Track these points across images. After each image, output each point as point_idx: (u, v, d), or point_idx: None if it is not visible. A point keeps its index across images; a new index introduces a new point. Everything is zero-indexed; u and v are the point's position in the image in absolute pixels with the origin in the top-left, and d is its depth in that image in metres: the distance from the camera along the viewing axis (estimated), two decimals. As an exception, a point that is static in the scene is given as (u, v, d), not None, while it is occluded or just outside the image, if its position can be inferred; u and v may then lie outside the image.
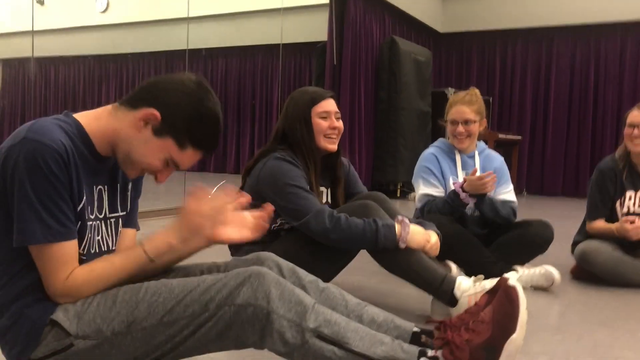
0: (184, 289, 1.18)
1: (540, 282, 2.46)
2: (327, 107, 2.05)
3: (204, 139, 1.24)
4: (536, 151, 7.60)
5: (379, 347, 1.20)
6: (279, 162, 1.96)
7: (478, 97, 2.71)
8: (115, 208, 1.33)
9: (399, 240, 1.83)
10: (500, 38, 7.76)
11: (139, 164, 1.24)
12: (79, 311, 1.18)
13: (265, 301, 1.15)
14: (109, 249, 1.31)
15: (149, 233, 1.28)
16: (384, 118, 6.50)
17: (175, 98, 1.21)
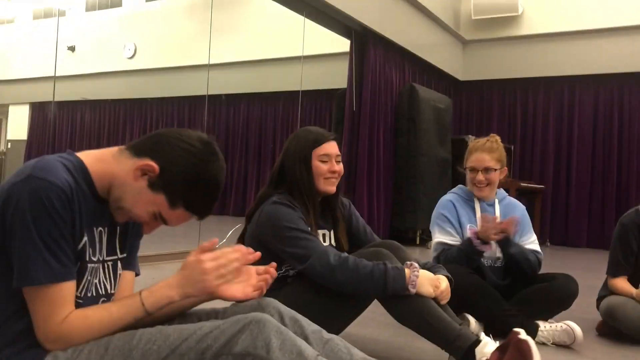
0: (179, 336, 1.13)
1: (562, 339, 2.34)
2: (329, 149, 2.01)
3: (198, 203, 1.22)
4: (559, 201, 7.45)
5: None
6: (276, 206, 1.92)
7: (499, 144, 2.66)
8: (114, 251, 1.30)
9: (408, 285, 1.75)
10: (521, 86, 7.75)
11: (127, 212, 1.22)
12: (68, 358, 1.13)
13: (264, 351, 1.09)
14: (106, 292, 1.27)
15: (153, 282, 1.23)
16: (403, 164, 6.46)
17: (179, 156, 1.18)
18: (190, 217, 1.23)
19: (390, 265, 1.79)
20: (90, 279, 1.21)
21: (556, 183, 7.49)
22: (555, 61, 7.40)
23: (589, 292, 2.98)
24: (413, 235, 6.46)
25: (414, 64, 7.00)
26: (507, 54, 7.73)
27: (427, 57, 7.09)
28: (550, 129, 7.54)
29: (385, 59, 6.36)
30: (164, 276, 1.23)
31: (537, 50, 7.52)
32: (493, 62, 7.85)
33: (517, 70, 7.67)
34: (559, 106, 7.52)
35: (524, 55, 7.61)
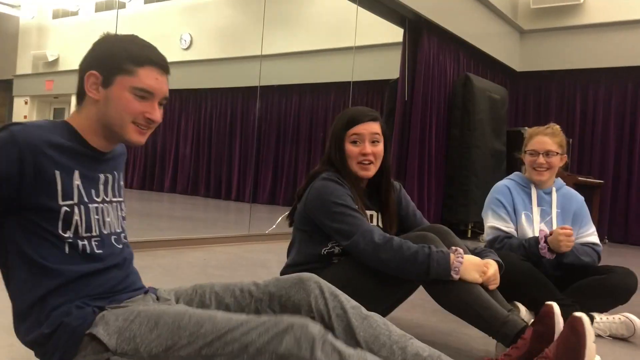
0: (227, 324, 1.15)
1: (620, 331, 2.25)
2: (361, 129, 1.95)
3: (140, 53, 1.28)
4: (620, 197, 7.15)
5: None
6: (325, 182, 1.92)
7: (559, 131, 2.59)
8: (115, 194, 1.38)
9: (451, 271, 1.72)
10: (581, 77, 7.47)
11: (126, 121, 1.28)
12: (120, 327, 1.18)
13: (309, 352, 1.10)
14: (114, 230, 1.34)
15: (204, 263, 1.27)
16: (455, 156, 6.35)
17: (94, 51, 1.29)
18: (154, 71, 1.28)
19: (436, 249, 1.75)
20: (99, 217, 1.29)
21: (616, 178, 7.19)
22: (618, 51, 7.09)
23: (649, 288, 2.86)
24: (465, 228, 6.36)
25: (469, 53, 6.86)
26: (567, 44, 7.46)
27: (483, 47, 6.93)
28: (612, 122, 7.24)
29: (440, 48, 6.25)
30: (215, 259, 1.26)
31: (599, 40, 7.22)
32: (552, 53, 7.60)
33: (577, 61, 7.39)
34: (622, 99, 7.21)
35: (584, 46, 7.33)
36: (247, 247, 4.45)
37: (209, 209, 8.09)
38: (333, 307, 1.23)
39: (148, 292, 1.41)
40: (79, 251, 1.23)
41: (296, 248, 2.04)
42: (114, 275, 1.30)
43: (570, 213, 2.60)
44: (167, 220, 5.99)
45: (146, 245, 3.83)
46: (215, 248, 4.18)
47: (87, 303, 1.23)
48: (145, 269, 3.10)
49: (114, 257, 1.30)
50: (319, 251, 1.97)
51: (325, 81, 8.61)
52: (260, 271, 3.34)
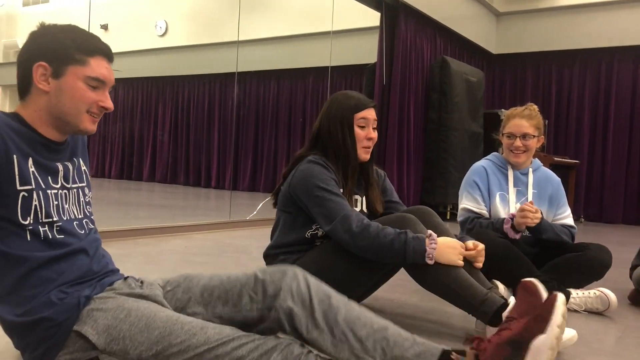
0: (218, 338, 1.17)
1: (596, 306, 2.32)
2: (367, 115, 2.01)
3: (88, 43, 1.28)
4: (594, 176, 7.29)
5: None
6: (310, 165, 1.93)
7: (537, 113, 2.62)
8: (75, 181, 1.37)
9: (425, 257, 1.75)
10: (556, 59, 7.55)
11: (81, 111, 1.28)
12: (109, 325, 1.18)
13: None
14: (75, 216, 1.33)
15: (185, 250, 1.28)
16: (434, 138, 6.40)
17: (35, 43, 1.26)
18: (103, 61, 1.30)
19: (412, 235, 1.78)
20: (58, 203, 1.28)
21: (591, 158, 7.32)
22: (593, 33, 7.18)
23: (623, 265, 2.94)
24: (443, 209, 6.43)
25: (446, 37, 6.89)
26: (542, 26, 7.53)
27: (459, 30, 6.96)
28: (586, 103, 7.35)
29: (417, 31, 6.27)
30: (196, 246, 1.27)
31: (574, 22, 7.30)
32: (527, 35, 7.66)
33: (553, 43, 7.47)
34: (596, 79, 7.32)
35: (559, 27, 7.41)
36: (228, 233, 4.45)
37: (188, 197, 8.06)
38: (316, 291, 1.25)
39: (128, 278, 1.41)
40: (40, 238, 1.22)
41: (280, 230, 2.06)
42: (82, 261, 1.29)
43: (546, 194, 2.65)
44: (147, 209, 5.95)
45: (126, 233, 3.80)
46: (196, 235, 4.18)
47: (65, 291, 1.23)
48: (125, 257, 3.09)
49: (77, 242, 1.29)
50: (303, 234, 1.99)
51: (304, 66, 8.58)
52: (243, 257, 3.35)
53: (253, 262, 3.16)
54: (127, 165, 10.06)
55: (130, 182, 9.76)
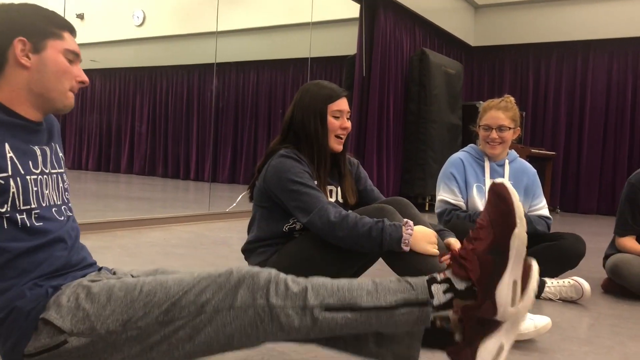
0: (179, 289, 1.16)
1: (570, 295, 2.37)
2: (342, 105, 2.01)
3: (57, 18, 1.28)
4: (570, 168, 7.41)
5: (389, 295, 1.17)
6: (282, 159, 1.93)
7: (513, 105, 2.65)
8: (54, 166, 1.34)
9: (401, 243, 1.77)
10: (533, 52, 7.64)
11: (65, 86, 1.27)
12: (72, 307, 1.16)
13: (264, 299, 1.13)
14: (54, 202, 1.30)
15: (165, 242, 1.27)
16: (413, 130, 6.44)
17: (8, 18, 1.23)
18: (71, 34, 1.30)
19: (389, 222, 1.80)
20: (37, 189, 1.24)
21: (567, 150, 7.44)
22: (569, 26, 7.28)
23: (597, 254, 3.00)
24: (422, 201, 6.48)
25: (425, 29, 6.92)
26: (520, 19, 7.61)
27: (438, 22, 6.99)
28: (563, 95, 7.45)
29: (396, 23, 6.28)
30: (175, 238, 1.26)
31: (551, 15, 7.39)
32: (505, 27, 7.74)
33: (530, 36, 7.55)
34: (572, 72, 7.42)
35: (537, 20, 7.49)
36: (207, 225, 4.43)
37: (167, 189, 8.00)
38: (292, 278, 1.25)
39: (102, 269, 1.40)
40: (18, 226, 1.19)
41: (257, 225, 2.05)
42: (60, 251, 1.26)
43: (522, 185, 2.68)
44: (125, 201, 5.90)
45: (104, 226, 3.77)
46: (175, 227, 4.16)
47: (39, 284, 1.21)
48: (104, 250, 3.06)
49: (56, 230, 1.26)
50: (281, 228, 1.99)
51: (283, 57, 8.55)
52: (222, 249, 3.34)
53: (232, 253, 3.16)
54: (104, 157, 9.94)
55: (107, 174, 9.66)
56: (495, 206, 1.21)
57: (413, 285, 1.19)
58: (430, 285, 1.19)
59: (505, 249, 1.16)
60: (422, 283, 1.19)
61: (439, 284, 1.19)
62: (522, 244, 1.17)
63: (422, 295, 1.17)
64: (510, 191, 1.19)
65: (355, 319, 1.15)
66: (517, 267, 1.17)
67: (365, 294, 1.17)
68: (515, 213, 1.17)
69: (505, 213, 1.18)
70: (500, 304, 1.16)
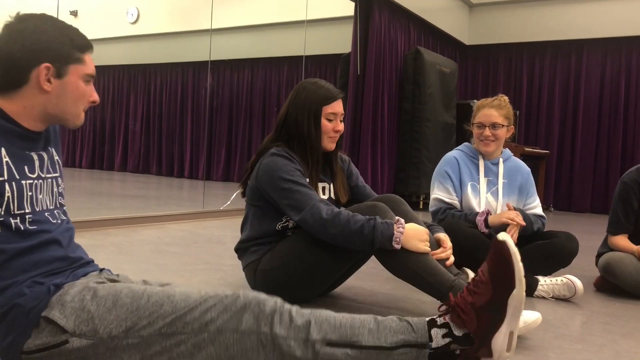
0: (185, 305, 1.18)
1: (563, 292, 2.38)
2: (337, 108, 2.02)
3: (80, 39, 1.28)
4: (564, 166, 7.43)
5: (389, 335, 1.20)
6: (274, 158, 1.94)
7: (507, 103, 2.66)
8: (49, 171, 1.35)
9: (392, 241, 1.77)
10: (527, 50, 7.66)
11: (80, 109, 1.30)
12: (76, 308, 1.17)
13: (268, 327, 1.15)
14: (47, 207, 1.31)
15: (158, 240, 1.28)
16: (407, 129, 6.44)
17: (34, 41, 1.22)
18: (91, 54, 1.31)
19: (381, 220, 1.80)
20: (32, 194, 1.26)
21: (561, 148, 7.46)
22: (563, 25, 7.30)
23: (590, 253, 3.02)
24: (417, 200, 6.49)
25: (420, 27, 6.92)
26: (514, 18, 7.62)
27: (433, 21, 7.00)
28: (556, 94, 7.48)
29: (391, 22, 6.29)
30: (169, 236, 1.27)
31: (545, 14, 7.41)
32: (499, 26, 7.75)
33: (524, 35, 7.57)
34: (566, 71, 7.45)
35: (531, 19, 7.50)
36: (201, 223, 4.42)
37: (161, 187, 7.98)
38: None
39: (103, 270, 1.40)
40: (12, 229, 1.20)
41: (250, 223, 2.06)
42: (55, 251, 1.27)
43: (516, 184, 2.70)
44: (119, 199, 5.88)
45: (98, 224, 3.76)
46: (169, 225, 4.15)
47: (39, 282, 1.21)
48: (97, 248, 3.05)
49: (50, 233, 1.27)
50: (274, 226, 2.00)
51: (278, 55, 8.54)
52: (216, 247, 3.34)
53: (226, 252, 3.16)
54: (98, 155, 9.90)
55: (101, 172, 9.62)
56: (496, 264, 1.24)
57: (414, 326, 1.23)
58: (431, 328, 1.23)
59: (503, 308, 1.22)
60: (422, 326, 1.24)
61: (439, 328, 1.23)
62: (520, 303, 1.23)
63: (421, 338, 1.22)
64: (512, 252, 1.23)
65: (355, 356, 1.18)
66: (514, 321, 1.24)
67: (367, 332, 1.20)
68: (515, 276, 1.22)
69: (505, 275, 1.22)
70: (495, 350, 1.23)
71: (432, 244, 1.91)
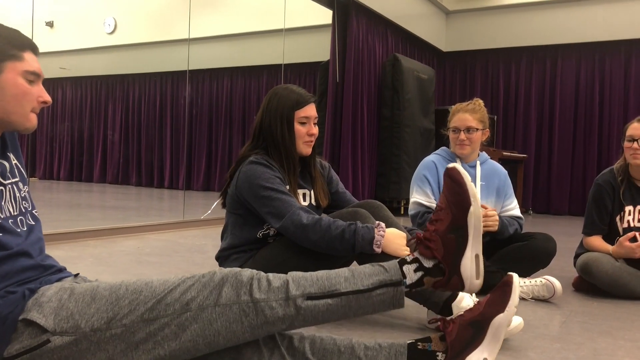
0: (164, 288, 1.18)
1: (542, 293, 2.41)
2: (309, 112, 2.02)
3: (18, 37, 1.26)
4: (542, 170, 7.54)
5: (365, 279, 1.27)
6: (252, 166, 1.94)
7: (481, 107, 2.70)
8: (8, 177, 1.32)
9: (373, 245, 1.78)
10: (504, 56, 7.77)
11: (27, 109, 1.26)
12: (55, 307, 1.16)
13: (248, 295, 1.17)
14: (11, 214, 1.29)
15: (138, 251, 1.27)
16: (387, 135, 6.49)
17: None
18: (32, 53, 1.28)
19: (362, 225, 1.81)
20: None
21: (538, 152, 7.57)
22: (537, 31, 7.43)
23: (568, 254, 3.06)
24: (397, 205, 6.53)
25: (397, 34, 6.99)
26: (490, 24, 7.74)
27: (410, 28, 7.07)
28: (533, 98, 7.59)
29: (368, 29, 6.34)
30: (149, 246, 1.27)
31: (520, 20, 7.54)
32: (476, 33, 7.86)
33: (500, 41, 7.69)
34: (541, 76, 7.57)
35: (506, 25, 7.63)
36: (182, 233, 4.40)
37: (141, 198, 7.91)
38: None
39: (78, 275, 1.40)
40: None
41: (231, 231, 2.05)
42: (24, 262, 1.25)
43: (493, 186, 2.73)
44: (98, 210, 5.82)
45: (76, 235, 3.71)
46: (149, 236, 4.11)
47: (12, 290, 1.19)
48: (76, 259, 3.02)
49: (17, 244, 1.25)
50: (255, 234, 1.99)
51: (257, 64, 8.55)
52: (197, 256, 3.32)
53: (207, 260, 3.14)
54: (76, 166, 9.79)
55: (80, 183, 9.51)
56: (450, 189, 1.31)
57: (386, 267, 1.29)
58: (402, 266, 1.29)
59: (464, 227, 1.28)
60: (394, 265, 1.30)
61: (409, 264, 1.29)
62: (479, 220, 1.29)
63: (395, 275, 1.28)
64: (462, 174, 1.30)
65: (336, 304, 1.23)
66: (477, 242, 1.28)
67: (343, 280, 1.26)
68: (469, 193, 1.29)
69: (460, 194, 1.29)
70: (466, 277, 1.27)
71: (413, 248, 1.92)
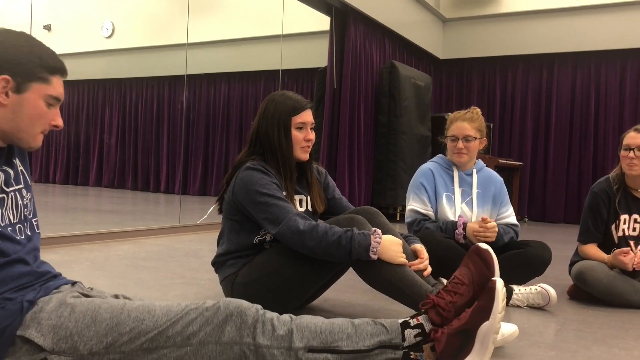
0: (167, 319, 1.18)
1: (537, 301, 2.41)
2: (306, 118, 2.03)
3: (52, 61, 1.25)
4: (537, 178, 7.57)
5: (366, 338, 1.28)
6: (249, 172, 1.94)
7: (479, 115, 2.71)
8: (12, 183, 1.32)
9: (369, 251, 1.79)
10: (500, 64, 7.81)
11: (37, 130, 1.26)
12: (54, 325, 1.15)
13: (250, 338, 1.18)
14: (11, 222, 1.28)
15: (134, 255, 1.27)
16: (383, 142, 6.50)
17: (7, 53, 1.21)
18: (61, 78, 1.28)
19: (358, 231, 1.81)
20: None
21: (534, 160, 7.60)
22: (534, 39, 7.47)
23: (563, 262, 3.07)
24: (393, 211, 6.53)
25: (395, 42, 7.02)
26: (487, 33, 7.78)
27: (407, 35, 7.10)
28: (529, 106, 7.63)
29: (366, 36, 6.36)
30: (145, 250, 1.27)
31: (516, 29, 7.58)
32: (472, 41, 7.90)
33: (496, 49, 7.73)
34: (538, 84, 7.61)
35: (503, 34, 7.67)
36: (178, 238, 4.39)
37: (137, 202, 7.90)
38: None
39: (76, 284, 1.39)
40: None
41: (227, 237, 2.05)
42: (20, 269, 1.25)
43: (489, 194, 2.74)
44: (94, 214, 5.80)
45: (72, 239, 3.70)
46: (145, 240, 4.11)
47: (9, 297, 1.19)
48: (71, 264, 3.01)
49: (16, 252, 1.24)
50: (251, 240, 2.00)
51: (254, 69, 8.57)
52: (192, 261, 3.31)
53: (203, 266, 3.14)
54: (72, 170, 9.77)
55: (76, 187, 9.49)
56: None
57: (388, 328, 1.32)
58: (404, 330, 1.32)
59: (472, 336, 1.30)
60: (396, 327, 1.32)
61: (412, 329, 1.33)
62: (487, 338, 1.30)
63: (396, 338, 1.30)
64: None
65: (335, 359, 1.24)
66: (478, 356, 1.30)
67: (345, 337, 1.27)
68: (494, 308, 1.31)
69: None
70: None
71: (409, 255, 1.92)
